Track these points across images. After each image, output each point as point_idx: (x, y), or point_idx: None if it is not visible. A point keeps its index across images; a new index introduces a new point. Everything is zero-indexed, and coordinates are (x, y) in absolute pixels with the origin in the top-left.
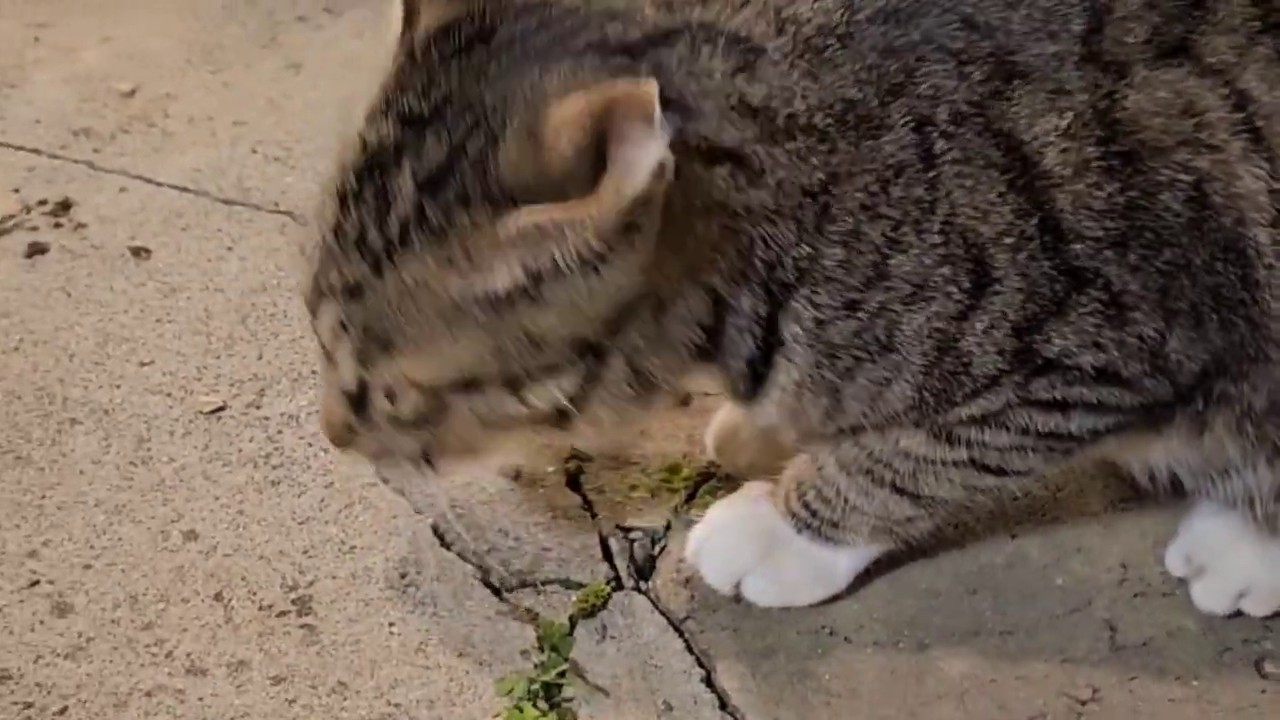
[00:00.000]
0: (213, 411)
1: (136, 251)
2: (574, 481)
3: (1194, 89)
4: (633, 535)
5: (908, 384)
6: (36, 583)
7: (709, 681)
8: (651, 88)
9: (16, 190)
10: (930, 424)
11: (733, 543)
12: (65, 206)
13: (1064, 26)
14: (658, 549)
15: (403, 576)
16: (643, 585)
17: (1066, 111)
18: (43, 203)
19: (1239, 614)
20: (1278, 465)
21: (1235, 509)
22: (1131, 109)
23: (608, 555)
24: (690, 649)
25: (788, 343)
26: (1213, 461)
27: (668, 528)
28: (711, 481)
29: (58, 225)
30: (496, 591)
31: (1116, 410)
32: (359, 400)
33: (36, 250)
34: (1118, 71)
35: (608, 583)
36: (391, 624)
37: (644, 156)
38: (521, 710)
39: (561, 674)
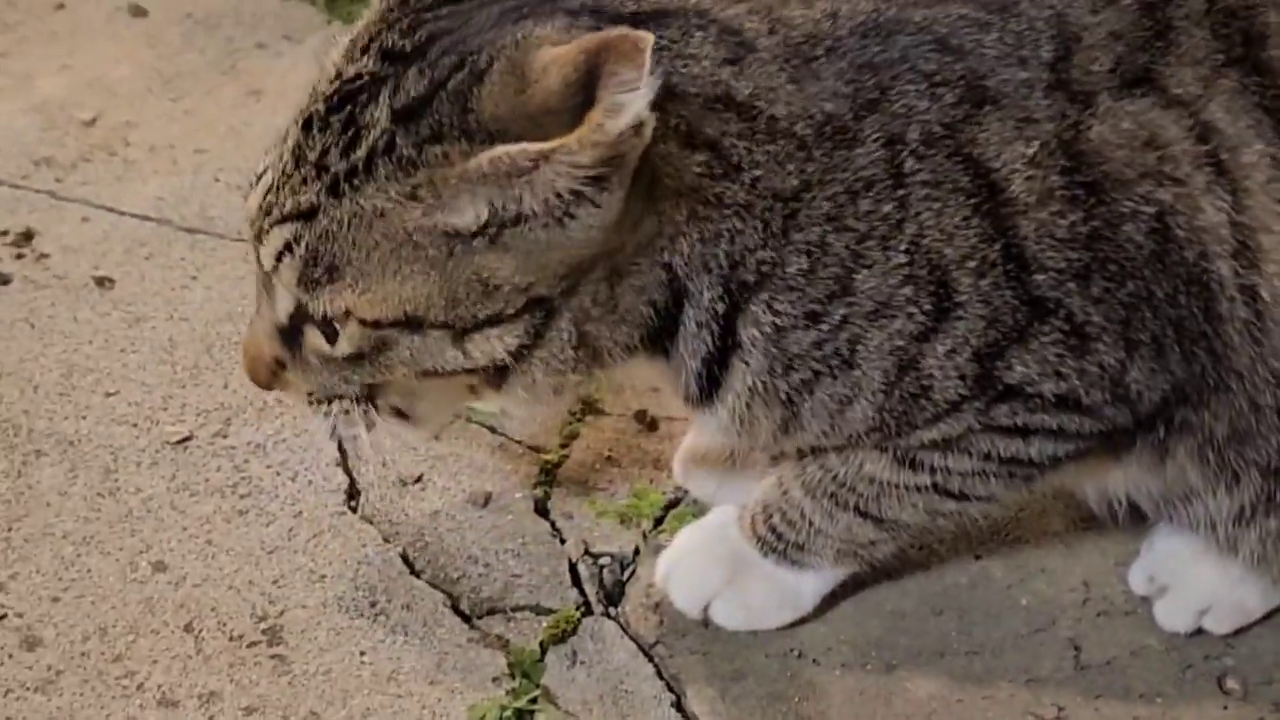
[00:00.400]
0: (179, 441)
1: (100, 281)
2: (541, 508)
3: (1158, 120)
4: (601, 561)
5: (868, 403)
6: (4, 616)
7: (679, 706)
8: (648, 36)
9: None
10: (893, 448)
11: (700, 567)
12: (28, 237)
13: (1034, 53)
14: (626, 574)
15: (373, 605)
16: (612, 611)
17: (1033, 140)
18: (4, 233)
19: (1200, 631)
20: (1236, 491)
21: (1197, 532)
22: (1095, 140)
23: (576, 581)
24: (660, 674)
25: (744, 345)
26: (1174, 489)
27: (636, 553)
28: (679, 507)
29: (20, 256)
30: (467, 619)
31: (1077, 437)
32: (291, 334)
33: None
34: (1084, 101)
35: (577, 608)
36: (363, 653)
37: (632, 100)
38: None
39: (533, 700)
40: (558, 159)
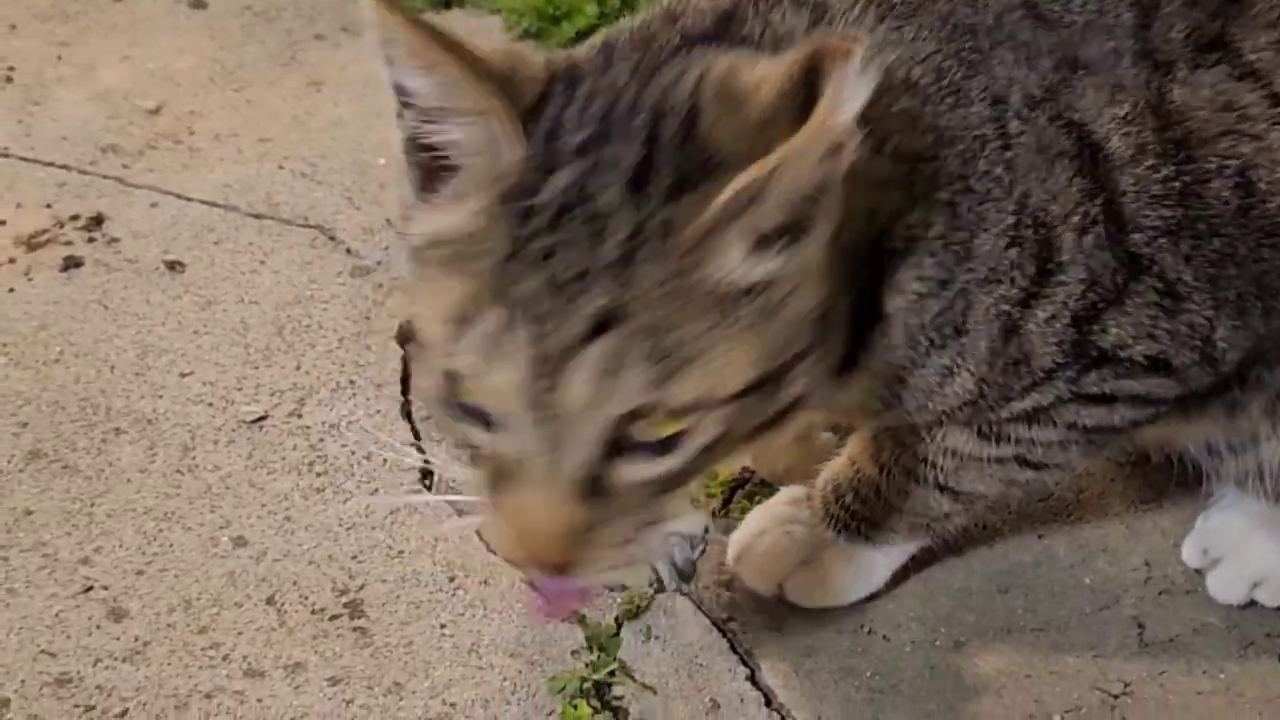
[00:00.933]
0: (255, 421)
1: (171, 265)
2: None
3: (1233, 90)
4: (672, 540)
5: (970, 375)
6: (90, 588)
7: (754, 680)
8: (860, 35)
9: (49, 205)
10: (980, 421)
11: (773, 547)
12: (98, 221)
13: (1117, 21)
14: (697, 553)
15: (451, 580)
16: (684, 588)
17: (1124, 103)
18: (75, 218)
19: (1254, 605)
20: None
21: (1245, 487)
22: (1179, 102)
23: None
24: (734, 648)
25: (891, 315)
26: (1237, 439)
27: (706, 532)
28: (747, 486)
29: (91, 240)
30: None
31: (1160, 402)
32: (592, 485)
33: (72, 264)
34: (1165, 69)
35: (650, 585)
36: (443, 625)
37: (854, 95)
38: (576, 707)
39: (611, 673)
40: (792, 159)
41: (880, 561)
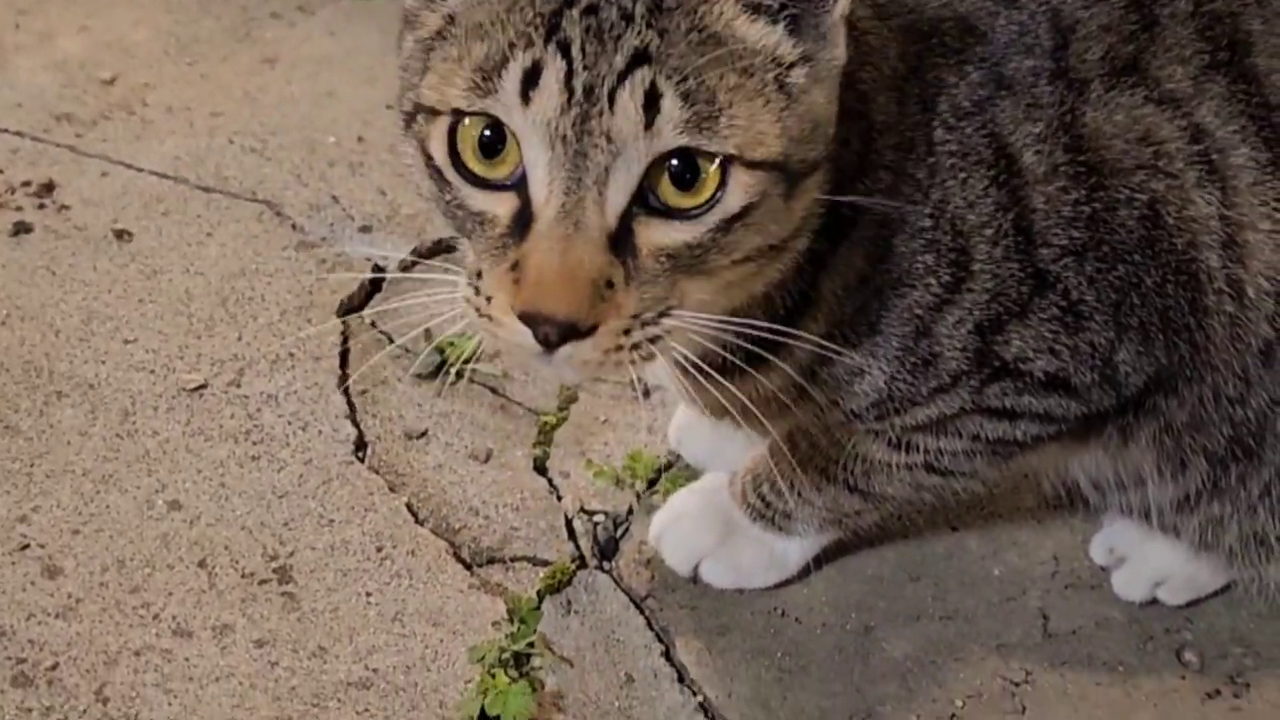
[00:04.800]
0: (194, 389)
1: (119, 234)
2: (540, 466)
3: (1151, 117)
4: (596, 518)
5: (881, 374)
6: (27, 546)
7: (668, 656)
8: None
9: (1, 171)
10: (887, 429)
11: (692, 528)
12: (49, 188)
13: (1037, 41)
14: (620, 531)
15: (379, 550)
16: (605, 565)
17: (1039, 121)
18: (26, 184)
19: (1156, 602)
20: (1183, 478)
21: (1132, 518)
22: (1091, 126)
23: (572, 536)
24: (651, 625)
25: (824, 297)
26: (1126, 473)
27: (629, 512)
28: (672, 471)
29: (41, 206)
30: (467, 566)
31: (1061, 420)
32: (619, 241)
33: (21, 229)
34: (1079, 89)
35: (572, 561)
36: (369, 594)
37: None
38: (494, 676)
39: (530, 645)
40: None
41: (795, 551)
